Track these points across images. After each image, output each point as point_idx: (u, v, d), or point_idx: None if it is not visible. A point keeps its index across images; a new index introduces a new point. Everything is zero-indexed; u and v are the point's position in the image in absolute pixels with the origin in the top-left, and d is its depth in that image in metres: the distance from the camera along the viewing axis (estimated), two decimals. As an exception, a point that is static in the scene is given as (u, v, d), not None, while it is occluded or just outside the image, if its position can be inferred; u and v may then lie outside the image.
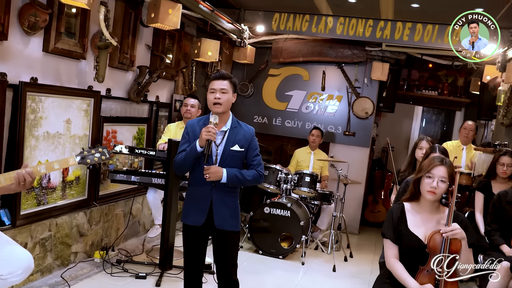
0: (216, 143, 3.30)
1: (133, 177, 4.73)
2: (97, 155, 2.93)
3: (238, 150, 3.30)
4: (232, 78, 3.35)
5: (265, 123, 8.06)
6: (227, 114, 3.36)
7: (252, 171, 3.34)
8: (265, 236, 6.02)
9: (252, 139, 3.38)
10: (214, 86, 3.29)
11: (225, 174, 3.22)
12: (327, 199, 6.59)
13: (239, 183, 3.31)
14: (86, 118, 4.66)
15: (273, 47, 7.63)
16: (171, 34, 6.11)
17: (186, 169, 3.35)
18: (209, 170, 3.20)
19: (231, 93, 3.32)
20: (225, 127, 3.34)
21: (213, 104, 3.27)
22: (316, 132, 7.06)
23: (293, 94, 7.92)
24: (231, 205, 3.35)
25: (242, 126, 3.41)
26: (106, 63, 4.40)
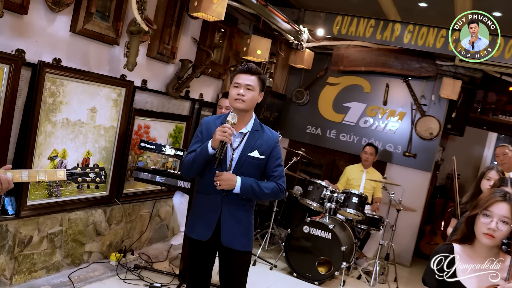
0: (232, 146, 2.84)
1: (158, 177, 4.33)
2: (91, 176, 2.60)
3: (257, 157, 2.82)
4: (261, 74, 2.87)
5: (318, 134, 7.50)
6: (249, 114, 2.89)
7: (271, 183, 2.85)
8: (301, 258, 5.45)
9: (274, 146, 2.89)
10: (239, 80, 2.83)
11: (239, 183, 2.74)
12: (375, 224, 5.93)
13: (255, 196, 2.82)
14: (115, 109, 4.32)
15: (333, 54, 7.07)
16: (222, 29, 5.72)
17: (194, 173, 2.89)
18: (221, 176, 2.73)
19: (257, 91, 2.84)
20: (245, 129, 2.86)
21: (234, 100, 2.81)
22: (370, 150, 6.41)
23: (351, 106, 7.31)
24: (243, 221, 2.85)
25: (266, 130, 2.93)
26: (137, 50, 4.04)
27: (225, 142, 2.70)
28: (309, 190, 5.85)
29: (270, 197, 2.87)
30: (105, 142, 4.28)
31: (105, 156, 4.32)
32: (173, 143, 5.27)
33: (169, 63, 4.94)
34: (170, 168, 5.27)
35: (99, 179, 2.62)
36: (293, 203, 6.35)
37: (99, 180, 2.62)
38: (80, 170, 2.58)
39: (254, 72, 2.83)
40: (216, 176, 2.74)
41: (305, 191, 5.92)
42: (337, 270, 5.33)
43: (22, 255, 3.65)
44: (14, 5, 3.21)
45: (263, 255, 5.87)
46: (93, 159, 4.18)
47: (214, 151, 2.73)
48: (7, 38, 3.28)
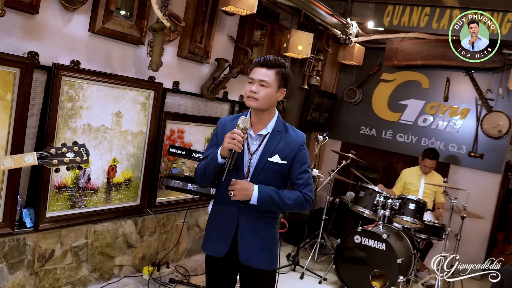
0: (250, 150, 2.47)
1: (189, 185, 4.03)
2: (69, 156, 2.23)
3: (278, 163, 2.44)
4: (282, 67, 2.45)
5: (373, 135, 6.97)
6: (269, 113, 2.49)
7: (295, 192, 2.45)
8: (353, 270, 4.97)
9: (299, 150, 2.48)
10: (253, 75, 2.44)
11: (255, 192, 2.37)
12: (437, 233, 5.34)
13: (275, 207, 2.43)
14: (143, 113, 4.06)
15: (386, 48, 6.53)
16: (263, 26, 5.37)
17: (206, 183, 2.54)
18: (235, 185, 2.36)
19: (274, 87, 2.42)
20: (265, 131, 2.48)
21: (247, 97, 2.43)
22: (431, 163, 5.77)
23: (408, 104, 6.74)
24: (264, 235, 2.47)
25: (289, 131, 2.53)
26: (161, 48, 3.75)
27: (235, 151, 2.34)
28: (361, 196, 5.36)
29: (293, 209, 2.46)
30: (133, 149, 4.02)
31: (134, 163, 4.07)
32: (211, 148, 4.95)
33: (203, 63, 4.64)
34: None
35: (80, 159, 2.24)
36: (345, 210, 5.87)
37: (80, 159, 2.24)
38: (54, 151, 2.21)
39: (271, 65, 2.42)
40: (231, 185, 2.37)
41: (356, 197, 5.44)
42: (393, 285, 4.80)
43: (44, 270, 3.44)
44: (22, 4, 2.99)
45: (312, 267, 5.43)
46: (121, 167, 3.94)
47: (224, 160, 2.38)
48: (17, 40, 3.08)
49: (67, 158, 2.22)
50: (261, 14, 5.22)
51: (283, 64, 2.46)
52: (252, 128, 2.48)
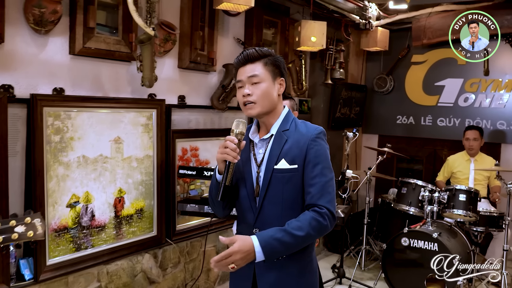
0: (256, 161, 2.03)
1: (206, 208, 3.62)
2: (18, 230, 1.72)
3: (286, 169, 1.96)
4: (266, 55, 2.01)
5: (411, 124, 6.38)
6: (274, 114, 2.04)
7: (304, 216, 1.91)
8: (405, 277, 4.42)
9: (310, 146, 1.97)
10: (239, 77, 2.02)
11: (257, 246, 1.82)
12: (495, 223, 4.71)
13: (289, 249, 1.89)
14: (147, 135, 3.69)
15: (413, 27, 5.93)
16: (272, 22, 4.94)
17: (218, 209, 2.11)
18: (230, 257, 1.80)
19: (269, 80, 1.99)
20: (269, 134, 2.04)
21: (244, 105, 2.00)
22: (472, 134, 5.18)
23: (445, 84, 6.12)
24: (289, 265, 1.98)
25: (299, 127, 2.04)
26: (152, 61, 3.36)
27: (230, 163, 1.90)
28: (403, 192, 4.80)
29: (311, 238, 1.93)
30: (141, 176, 3.65)
31: (144, 191, 3.69)
32: (232, 162, 4.53)
33: (209, 71, 4.23)
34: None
35: (33, 233, 1.74)
36: (389, 210, 5.31)
37: (33, 233, 1.74)
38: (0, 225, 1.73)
39: (254, 58, 1.99)
40: (226, 260, 1.80)
41: (399, 195, 4.89)
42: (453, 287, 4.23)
43: (53, 324, 3.10)
44: (-17, 33, 2.68)
45: (360, 277, 4.92)
46: (129, 197, 3.57)
47: (221, 176, 1.95)
48: (-15, 74, 2.76)
49: (16, 234, 1.74)
50: (269, 9, 4.80)
51: (268, 52, 2.02)
52: (258, 135, 2.06)
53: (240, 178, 2.04)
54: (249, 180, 2.02)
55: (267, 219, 1.96)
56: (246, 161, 2.04)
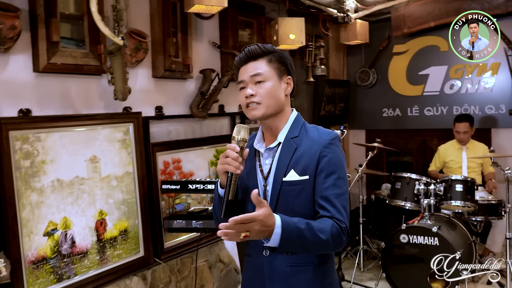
0: (263, 173, 1.84)
1: (194, 223, 3.41)
2: None
3: (296, 181, 1.76)
4: (271, 51, 1.84)
5: (397, 116, 6.26)
6: (281, 117, 1.85)
7: (327, 221, 1.69)
8: (406, 275, 4.28)
9: (323, 153, 1.76)
10: (242, 76, 1.84)
11: (278, 227, 1.58)
12: (495, 211, 4.59)
13: (302, 248, 1.66)
14: (125, 151, 3.48)
15: (392, 17, 5.82)
16: (247, 23, 4.75)
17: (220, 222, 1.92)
18: (251, 222, 1.53)
19: (275, 78, 1.81)
20: (276, 142, 1.85)
21: (247, 108, 1.82)
22: (463, 127, 5.06)
23: (429, 73, 6.01)
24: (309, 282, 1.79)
25: (310, 132, 1.84)
26: (124, 73, 3.15)
27: (232, 174, 1.69)
28: (398, 187, 4.66)
29: (328, 248, 1.71)
30: (122, 194, 3.44)
31: (127, 210, 3.48)
32: (218, 171, 4.34)
33: (186, 78, 4.04)
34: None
35: None
36: (383, 207, 5.15)
37: None
38: None
39: (257, 55, 1.81)
40: (241, 222, 1.53)
41: (393, 190, 4.75)
42: (457, 283, 4.08)
43: None
44: None
45: (360, 278, 4.77)
46: (111, 219, 3.36)
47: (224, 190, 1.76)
48: None
49: None
50: (244, 9, 4.63)
51: (273, 49, 1.85)
52: (264, 143, 1.87)
53: (245, 192, 1.85)
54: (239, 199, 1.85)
55: None
56: (252, 173, 1.85)
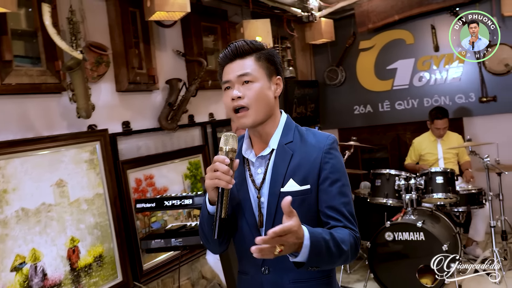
0: (255, 184, 1.67)
1: (173, 241, 3.21)
2: None
3: (297, 191, 1.59)
4: (259, 48, 1.66)
5: (369, 112, 6.20)
6: (271, 122, 1.68)
7: (345, 231, 1.55)
8: (395, 273, 4.17)
9: (324, 159, 1.62)
10: (227, 76, 1.64)
11: (306, 239, 1.40)
12: (476, 200, 4.56)
13: (327, 261, 1.49)
14: (94, 171, 3.27)
15: (356, 13, 5.76)
16: (211, 28, 4.60)
17: (213, 245, 1.74)
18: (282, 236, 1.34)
19: (264, 78, 1.63)
20: (268, 149, 1.67)
21: (234, 112, 1.64)
22: (443, 124, 5.03)
23: (397, 67, 5.98)
24: None
25: (307, 137, 1.69)
26: (86, 88, 2.97)
27: (223, 189, 1.52)
28: (378, 185, 4.57)
29: (345, 259, 1.54)
30: (94, 218, 3.23)
31: (101, 234, 3.27)
32: (193, 183, 4.18)
33: (151, 90, 3.86)
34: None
35: None
36: (363, 206, 5.05)
37: None
38: None
39: (245, 52, 1.63)
40: (280, 235, 1.33)
41: (373, 188, 4.65)
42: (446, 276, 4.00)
43: None
44: None
45: (347, 281, 4.66)
46: (84, 245, 3.14)
47: (214, 207, 1.58)
48: None
49: None
50: (206, 15, 4.48)
51: (261, 46, 1.67)
52: (253, 151, 1.69)
53: (236, 206, 1.67)
54: (248, 208, 1.65)
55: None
56: (241, 185, 1.66)
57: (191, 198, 3.09)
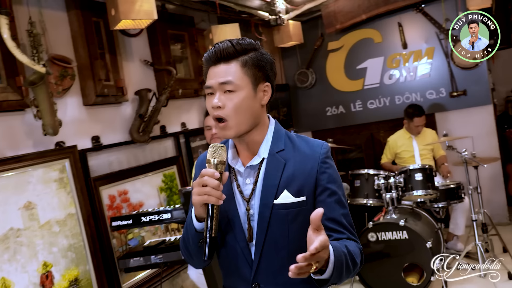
0: (243, 196, 1.56)
1: (153, 258, 3.08)
2: None
3: (292, 203, 1.50)
4: (247, 49, 1.53)
5: (342, 113, 6.16)
6: (258, 130, 1.57)
7: (353, 243, 1.51)
8: (380, 274, 4.12)
9: (321, 169, 1.53)
10: (209, 81, 1.52)
11: (331, 255, 1.35)
12: (455, 195, 4.55)
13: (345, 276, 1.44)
14: (64, 191, 3.10)
15: (323, 14, 5.71)
16: (178, 36, 4.48)
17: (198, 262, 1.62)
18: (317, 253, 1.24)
19: (248, 87, 1.51)
20: (257, 157, 1.56)
21: (216, 121, 1.52)
22: (421, 121, 5.03)
23: (367, 66, 5.96)
24: None
25: (299, 144, 1.59)
26: (51, 104, 2.81)
27: (213, 205, 1.41)
28: (357, 186, 4.52)
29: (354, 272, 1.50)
30: (67, 240, 3.06)
31: (75, 257, 3.10)
32: (169, 196, 4.03)
33: (120, 102, 3.71)
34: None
35: None
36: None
37: None
38: None
39: (228, 55, 1.49)
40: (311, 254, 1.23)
41: (353, 189, 4.59)
42: (433, 273, 3.97)
43: None
44: None
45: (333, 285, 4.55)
46: (58, 269, 2.97)
47: (202, 224, 1.49)
48: None
49: None
50: (173, 22, 4.36)
51: (250, 46, 1.54)
52: (240, 159, 1.58)
53: (222, 219, 1.55)
54: (236, 222, 1.54)
55: (270, 271, 1.51)
56: (228, 196, 1.54)
57: (169, 212, 2.97)
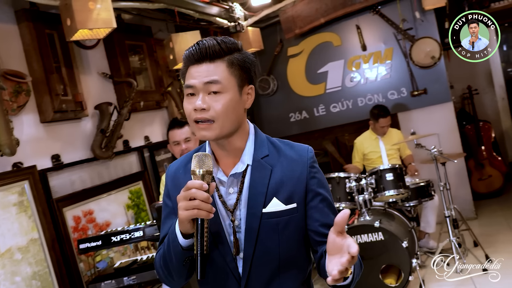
0: (227, 206, 1.44)
1: (125, 280, 2.90)
2: None
3: (282, 211, 1.41)
4: (233, 49, 1.40)
5: (305, 118, 6.11)
6: (239, 135, 1.46)
7: None
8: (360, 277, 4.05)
9: (310, 174, 1.45)
10: (191, 80, 1.38)
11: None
12: (425, 193, 4.56)
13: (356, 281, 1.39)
14: (25, 214, 2.89)
15: (281, 19, 5.67)
16: (136, 47, 4.33)
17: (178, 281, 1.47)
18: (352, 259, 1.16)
19: (234, 89, 1.39)
20: (241, 165, 1.44)
21: (195, 123, 1.39)
22: (387, 121, 4.99)
23: (328, 69, 5.93)
24: None
25: (284, 149, 1.49)
26: (6, 121, 2.61)
27: (203, 220, 1.29)
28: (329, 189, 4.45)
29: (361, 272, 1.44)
30: (30, 267, 2.85)
31: (41, 285, 2.89)
32: (136, 213, 3.85)
33: (80, 118, 3.52)
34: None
35: None
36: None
37: None
38: None
39: (214, 54, 1.37)
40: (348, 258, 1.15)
41: (324, 194, 4.52)
42: (410, 273, 3.94)
43: None
44: None
45: (310, 293, 4.47)
46: (23, 300, 2.75)
47: (189, 241, 1.35)
48: None
49: None
50: (130, 33, 4.22)
51: (235, 46, 1.41)
52: (221, 168, 1.46)
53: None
54: (221, 235, 1.42)
55: (259, 284, 1.41)
56: None
57: (141, 230, 2.81)
